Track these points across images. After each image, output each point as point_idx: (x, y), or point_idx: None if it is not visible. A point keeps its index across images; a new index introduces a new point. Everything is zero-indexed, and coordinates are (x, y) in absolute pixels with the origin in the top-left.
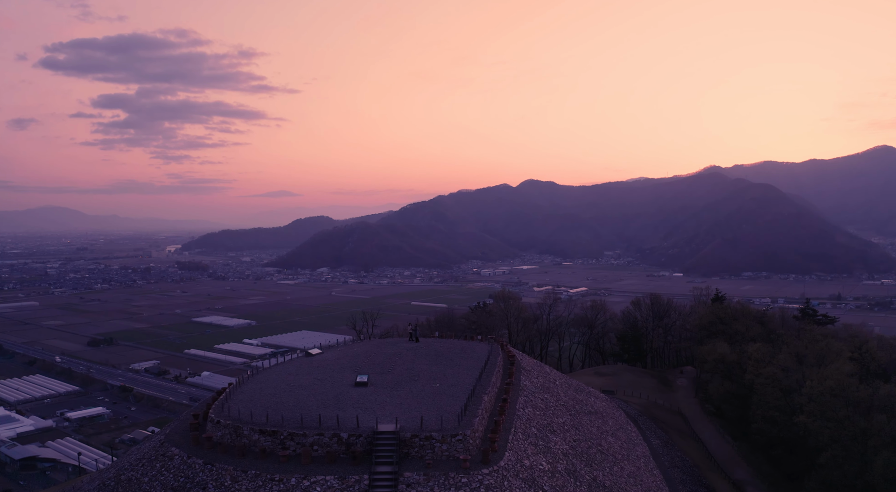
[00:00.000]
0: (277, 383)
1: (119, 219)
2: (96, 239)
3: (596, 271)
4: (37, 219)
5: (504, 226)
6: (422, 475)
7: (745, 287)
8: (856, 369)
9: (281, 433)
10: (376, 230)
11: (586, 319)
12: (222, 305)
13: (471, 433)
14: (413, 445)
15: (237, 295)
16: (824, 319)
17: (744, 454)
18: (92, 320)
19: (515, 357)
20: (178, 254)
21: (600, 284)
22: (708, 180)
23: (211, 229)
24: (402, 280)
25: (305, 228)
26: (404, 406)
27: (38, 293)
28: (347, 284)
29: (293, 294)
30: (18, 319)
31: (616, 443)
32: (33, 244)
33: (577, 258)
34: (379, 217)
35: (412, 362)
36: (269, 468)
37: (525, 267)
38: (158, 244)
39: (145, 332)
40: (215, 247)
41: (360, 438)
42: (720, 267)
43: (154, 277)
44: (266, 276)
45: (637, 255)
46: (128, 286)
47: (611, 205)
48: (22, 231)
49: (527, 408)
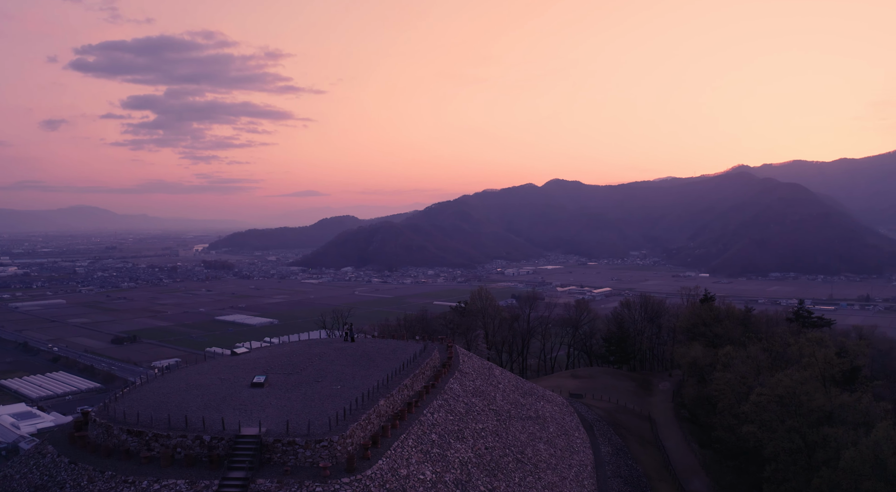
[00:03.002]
0: (178, 383)
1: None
2: (125, 238)
3: (621, 272)
4: (68, 218)
5: (529, 226)
6: (274, 483)
7: (772, 288)
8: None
9: (146, 434)
10: (401, 230)
11: (570, 320)
12: (246, 304)
13: (339, 440)
14: (276, 450)
15: (261, 294)
16: (819, 321)
17: (707, 464)
18: (117, 318)
19: (453, 359)
20: (204, 253)
21: (625, 284)
22: (736, 180)
23: (238, 229)
24: (425, 280)
25: (331, 228)
26: (288, 409)
27: (65, 291)
28: (371, 284)
29: (316, 293)
30: (45, 316)
31: (548, 450)
32: (63, 243)
33: (602, 258)
34: (404, 217)
35: (330, 364)
36: (128, 470)
37: (549, 267)
38: (186, 243)
39: (169, 330)
40: (242, 246)
41: (222, 441)
42: (747, 268)
43: (180, 276)
44: (291, 275)
45: (663, 255)
46: (154, 285)
47: (637, 205)
48: (53, 230)
49: (438, 413)
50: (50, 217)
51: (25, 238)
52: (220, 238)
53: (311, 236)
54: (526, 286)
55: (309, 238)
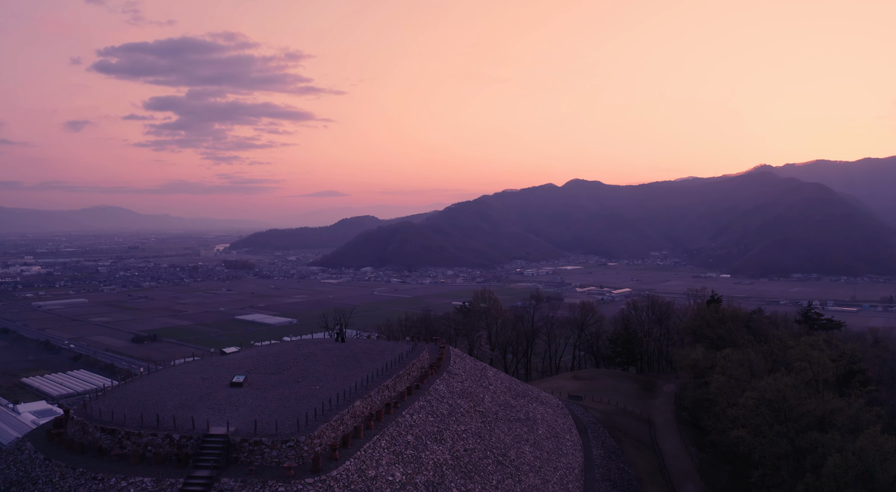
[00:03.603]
0: (160, 382)
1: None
2: (148, 238)
3: (641, 272)
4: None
5: (549, 226)
6: (238, 482)
7: (794, 289)
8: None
9: (119, 432)
10: (420, 230)
11: (575, 321)
12: (265, 304)
13: (306, 440)
14: (243, 449)
15: (281, 294)
16: (829, 323)
17: (703, 467)
18: (138, 317)
19: (444, 360)
20: (226, 253)
21: (645, 285)
22: (758, 180)
23: (259, 229)
24: (444, 280)
25: (351, 228)
26: (262, 409)
27: (88, 291)
28: (390, 284)
29: (336, 293)
30: (67, 315)
31: (533, 453)
32: (87, 243)
33: (622, 259)
34: (423, 217)
35: (314, 364)
36: (98, 467)
37: (569, 267)
38: (208, 243)
39: (188, 329)
40: (262, 246)
41: (190, 440)
42: (769, 268)
43: (201, 276)
44: (310, 275)
45: (684, 255)
46: (175, 284)
47: (658, 205)
48: (77, 230)
49: (419, 414)
50: (73, 217)
51: (49, 238)
52: (241, 238)
53: (331, 236)
54: (545, 287)
55: (329, 238)
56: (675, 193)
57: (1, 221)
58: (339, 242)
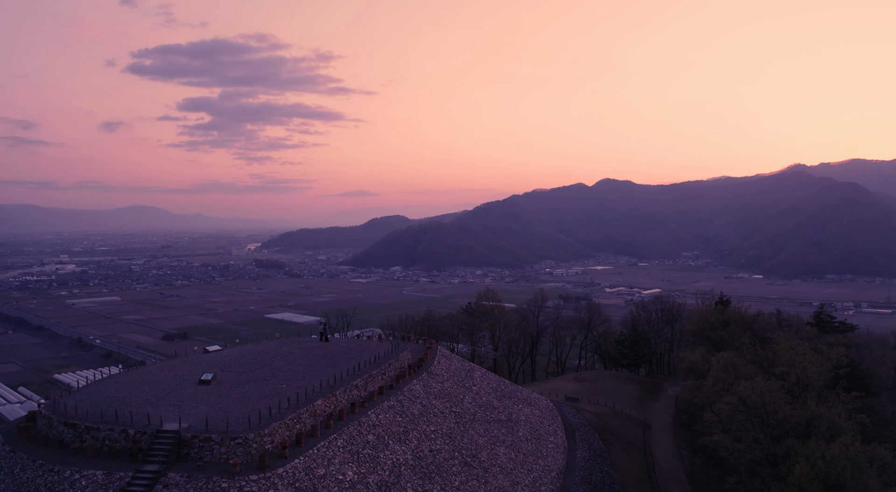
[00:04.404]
0: (134, 379)
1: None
2: (181, 237)
3: (672, 272)
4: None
5: (579, 226)
6: (184, 477)
7: (828, 290)
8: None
9: (80, 426)
10: (449, 229)
11: (581, 322)
12: (295, 303)
13: (255, 437)
14: (193, 445)
15: (310, 293)
16: (841, 326)
17: (692, 471)
18: (169, 316)
19: (427, 360)
20: (257, 252)
21: (675, 285)
22: (792, 179)
23: (290, 228)
24: (473, 280)
25: (381, 228)
26: (222, 406)
27: (121, 289)
28: (419, 283)
29: (364, 292)
30: (100, 313)
31: (507, 454)
32: (121, 242)
33: (653, 259)
34: (453, 217)
35: (289, 363)
36: (57, 459)
37: (599, 268)
38: (239, 242)
39: (218, 327)
40: (293, 245)
41: (145, 435)
42: (802, 269)
43: (232, 275)
44: (340, 274)
45: (716, 256)
46: (206, 283)
47: (690, 205)
48: (111, 229)
49: (386, 414)
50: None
51: (84, 237)
52: (272, 237)
53: (361, 236)
54: (574, 287)
55: (359, 238)
56: (708, 192)
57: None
58: (369, 242)
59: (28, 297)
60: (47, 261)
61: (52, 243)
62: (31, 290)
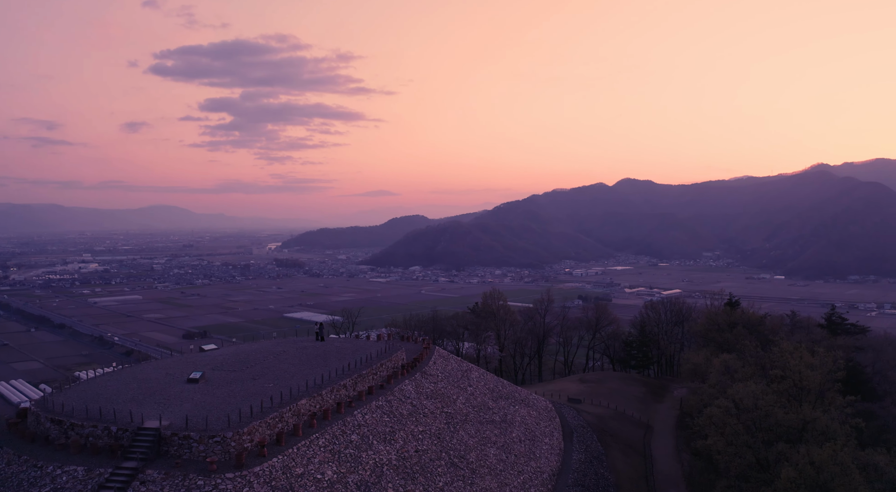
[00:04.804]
0: (126, 377)
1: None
2: (202, 236)
3: (692, 273)
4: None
5: (599, 226)
6: (162, 474)
7: (850, 292)
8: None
9: (65, 423)
10: (469, 229)
11: (588, 322)
12: (314, 302)
13: (233, 436)
14: (173, 443)
15: (329, 292)
16: (852, 328)
17: (690, 474)
18: (189, 314)
19: (423, 360)
20: (277, 251)
21: (695, 286)
22: (814, 179)
23: (310, 228)
24: (492, 280)
25: (400, 227)
26: (206, 404)
27: (142, 288)
28: (438, 283)
29: (383, 292)
30: (121, 312)
31: (498, 456)
32: (143, 241)
33: (673, 259)
34: (472, 216)
35: (280, 362)
36: (41, 455)
37: (619, 268)
38: (260, 242)
39: (238, 326)
40: (313, 245)
41: (126, 432)
42: (825, 270)
43: (252, 274)
44: (359, 273)
45: (737, 256)
46: (227, 282)
47: (711, 204)
48: (134, 229)
49: (373, 414)
50: (131, 216)
51: (107, 236)
52: (292, 237)
53: (381, 235)
54: (594, 287)
55: (379, 237)
56: (729, 192)
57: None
58: (389, 242)
59: (51, 295)
60: (70, 260)
61: (76, 242)
62: (53, 288)
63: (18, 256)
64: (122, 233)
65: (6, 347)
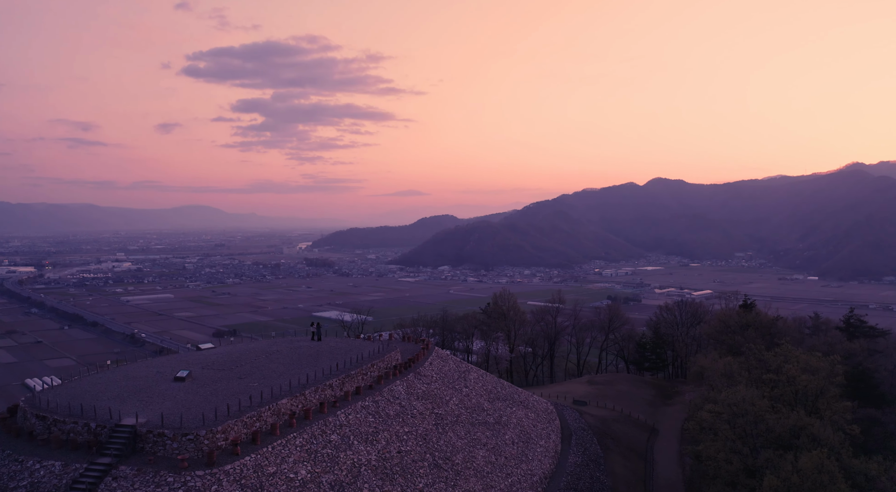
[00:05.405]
0: (117, 375)
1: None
2: (234, 236)
3: (724, 273)
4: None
5: (629, 226)
6: (134, 470)
7: (885, 293)
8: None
9: (48, 419)
10: (497, 229)
11: (601, 324)
12: (342, 301)
13: (207, 434)
14: (148, 440)
15: (358, 291)
16: (871, 330)
17: (691, 479)
18: (220, 313)
19: (418, 361)
20: (307, 251)
21: (727, 286)
22: (849, 178)
23: (341, 228)
24: (521, 279)
25: (430, 227)
26: (187, 402)
27: (174, 286)
28: (466, 283)
29: (412, 291)
30: (153, 310)
31: (486, 458)
32: (176, 241)
33: (705, 260)
34: (502, 216)
35: (271, 362)
36: (23, 450)
37: (649, 268)
38: (291, 241)
39: (267, 325)
40: (343, 244)
41: (104, 429)
42: (859, 271)
43: (283, 273)
44: (388, 273)
45: (770, 256)
46: (257, 281)
47: (743, 204)
48: (167, 228)
49: (358, 414)
50: (164, 216)
51: (141, 235)
52: (322, 236)
53: (410, 235)
54: (623, 287)
55: (408, 237)
56: (762, 192)
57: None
58: (418, 241)
59: (85, 294)
60: (104, 259)
61: (110, 242)
62: (87, 287)
63: (54, 254)
64: (156, 232)
65: (40, 344)
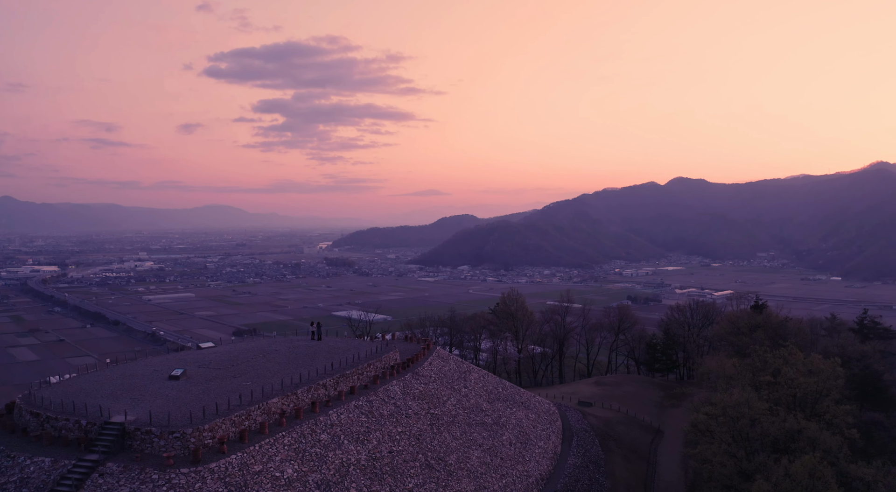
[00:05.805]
0: (114, 373)
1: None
2: (255, 236)
3: (746, 274)
4: (203, 216)
5: (650, 225)
6: (121, 467)
7: None
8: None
9: (42, 416)
10: (517, 229)
11: (611, 325)
12: (362, 301)
13: (193, 432)
14: (136, 438)
15: (378, 291)
16: (885, 332)
17: (693, 481)
18: (240, 312)
19: (418, 361)
20: (328, 250)
21: (748, 287)
22: (873, 177)
23: (361, 227)
24: (540, 279)
25: (450, 227)
26: (178, 400)
27: (195, 286)
28: (486, 283)
29: (431, 291)
30: (174, 309)
31: (481, 458)
32: (198, 240)
33: (726, 260)
34: (522, 216)
35: (267, 361)
36: (16, 445)
37: (670, 268)
38: (311, 241)
39: (286, 324)
40: (363, 244)
41: (94, 426)
42: (883, 271)
43: (303, 273)
44: (408, 273)
45: (792, 257)
46: (278, 280)
47: (766, 204)
48: (189, 228)
49: (350, 413)
50: (186, 215)
51: (163, 235)
52: (342, 236)
53: (430, 235)
54: (644, 287)
55: (428, 237)
56: (785, 191)
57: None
58: (438, 241)
59: (107, 292)
60: (127, 258)
61: (132, 241)
62: (110, 286)
63: (77, 254)
64: (178, 232)
65: (62, 342)
